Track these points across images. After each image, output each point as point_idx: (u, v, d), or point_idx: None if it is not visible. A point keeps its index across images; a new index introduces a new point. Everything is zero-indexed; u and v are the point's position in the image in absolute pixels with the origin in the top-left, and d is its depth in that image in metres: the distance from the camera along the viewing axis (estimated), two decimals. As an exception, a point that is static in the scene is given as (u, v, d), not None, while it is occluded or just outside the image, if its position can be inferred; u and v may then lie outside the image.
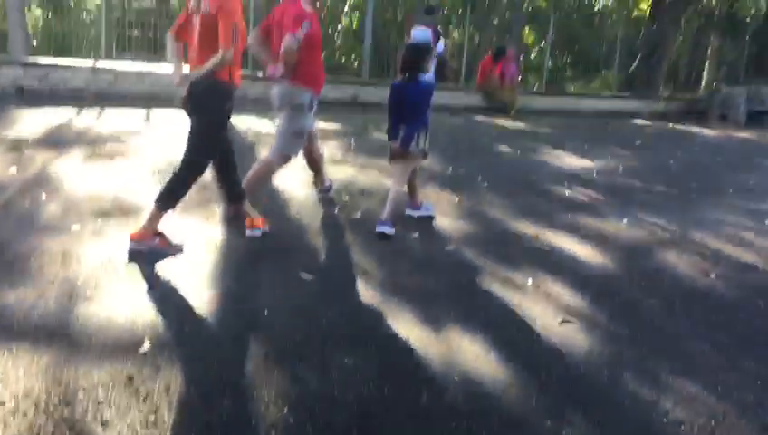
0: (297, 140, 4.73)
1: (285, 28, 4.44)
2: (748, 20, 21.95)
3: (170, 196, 3.81)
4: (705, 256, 4.62)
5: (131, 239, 3.70)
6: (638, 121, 14.66)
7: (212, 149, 3.97)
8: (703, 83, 21.81)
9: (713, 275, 4.18)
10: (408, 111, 4.51)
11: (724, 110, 16.54)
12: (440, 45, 9.06)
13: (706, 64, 22.25)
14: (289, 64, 4.44)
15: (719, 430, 2.44)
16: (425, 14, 9.92)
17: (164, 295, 3.19)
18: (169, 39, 3.97)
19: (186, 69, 3.87)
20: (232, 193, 4.20)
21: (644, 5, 22.60)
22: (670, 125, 14.14)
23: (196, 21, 3.74)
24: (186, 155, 3.88)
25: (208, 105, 3.81)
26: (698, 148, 10.74)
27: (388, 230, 4.43)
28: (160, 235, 3.77)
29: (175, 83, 3.74)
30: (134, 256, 3.62)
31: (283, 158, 4.73)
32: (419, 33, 8.98)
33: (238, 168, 4.21)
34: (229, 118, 4.01)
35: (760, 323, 3.48)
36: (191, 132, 3.89)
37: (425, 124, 4.58)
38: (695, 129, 13.75)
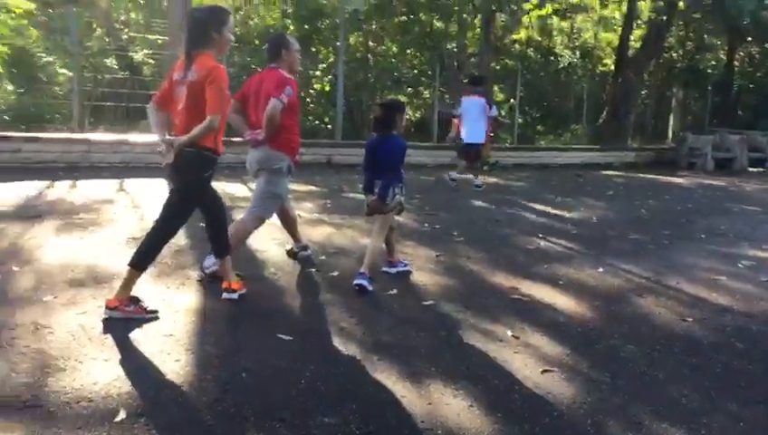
0: (273, 203, 4.77)
1: (265, 95, 4.54)
2: (709, 71, 22.73)
3: (143, 257, 3.81)
4: (682, 300, 4.66)
5: (107, 307, 3.66)
6: (610, 172, 14.92)
7: (187, 214, 4.00)
8: (670, 133, 22.39)
9: (690, 319, 4.21)
10: (382, 167, 4.61)
11: (691, 158, 16.95)
12: (494, 109, 10.50)
13: (672, 115, 22.88)
14: (271, 129, 4.51)
15: (706, 473, 2.42)
16: (472, 84, 10.80)
17: (139, 363, 3.13)
18: (151, 109, 4.00)
19: (169, 137, 3.87)
20: (219, 248, 4.19)
21: (608, 61, 23.31)
22: (641, 175, 14.40)
23: (182, 89, 3.80)
24: (161, 217, 3.89)
25: (191, 172, 3.85)
26: (669, 196, 10.94)
27: (366, 283, 4.43)
28: (136, 301, 3.73)
29: (161, 151, 3.74)
30: (109, 324, 3.57)
31: (259, 220, 4.76)
32: (472, 101, 10.27)
33: (220, 227, 4.20)
34: (209, 184, 4.05)
35: (738, 365, 3.50)
36: (171, 196, 3.92)
37: (400, 179, 4.67)
38: (664, 177, 14.03)
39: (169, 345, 3.36)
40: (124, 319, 3.63)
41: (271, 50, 4.82)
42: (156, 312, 3.75)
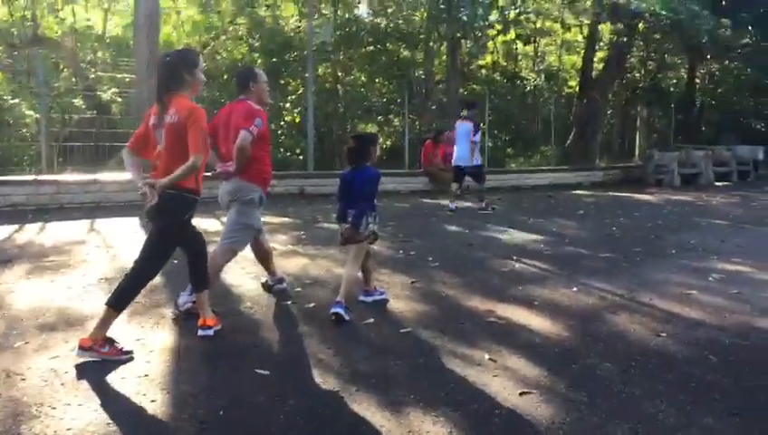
0: (246, 235, 4.78)
1: (234, 127, 4.58)
2: (672, 89, 23.24)
3: (122, 297, 3.79)
4: (655, 316, 4.71)
5: (80, 347, 3.61)
6: (579, 192, 15.11)
7: (167, 254, 4.02)
8: (636, 151, 22.78)
9: (664, 335, 4.26)
10: (356, 197, 4.67)
11: (658, 175, 17.24)
12: (477, 136, 10.94)
13: (637, 133, 23.30)
14: (242, 160, 4.54)
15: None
16: (465, 108, 11.47)
17: (115, 406, 3.08)
18: (126, 153, 4.03)
19: (150, 179, 3.84)
20: (198, 281, 4.17)
21: (573, 82, 23.75)
22: (610, 193, 14.61)
23: (161, 132, 3.84)
24: (140, 257, 3.90)
25: (172, 213, 3.88)
26: (638, 213, 11.09)
27: (343, 312, 4.44)
28: (110, 342, 3.68)
29: (143, 193, 3.67)
30: (82, 367, 3.52)
31: (231, 252, 4.77)
32: (462, 125, 10.98)
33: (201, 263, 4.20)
34: (189, 223, 4.07)
35: (712, 378, 3.54)
36: (151, 236, 3.94)
37: (373, 208, 4.72)
38: (633, 195, 14.24)
39: (145, 386, 3.32)
40: (99, 360, 3.58)
41: (239, 82, 4.88)
42: (131, 352, 3.71)
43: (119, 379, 3.41)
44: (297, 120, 17.25)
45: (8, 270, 5.83)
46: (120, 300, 3.79)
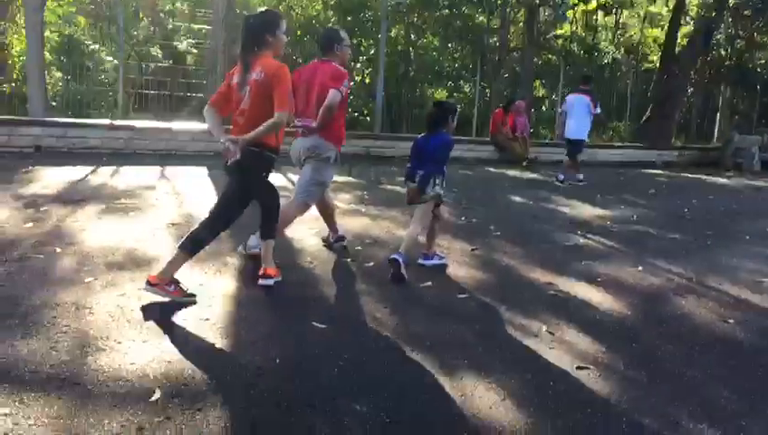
0: (319, 191, 4.94)
1: (320, 85, 4.71)
2: (759, 70, 22.15)
3: (194, 243, 3.91)
4: (723, 302, 4.55)
5: (148, 282, 3.71)
6: (652, 171, 14.66)
7: (242, 208, 4.14)
8: (715, 133, 21.89)
9: (731, 321, 4.11)
10: (426, 159, 4.75)
11: (737, 158, 16.55)
12: (598, 108, 11.00)
13: (718, 114, 22.36)
14: (328, 118, 4.67)
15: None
16: (582, 83, 11.48)
17: (175, 345, 3.17)
18: (208, 111, 4.11)
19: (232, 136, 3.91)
20: (268, 230, 4.24)
21: (654, 57, 22.90)
22: (684, 174, 14.12)
23: (245, 90, 3.93)
24: (217, 207, 4.05)
25: (252, 171, 4.00)
26: (713, 196, 10.70)
27: (401, 260, 4.47)
28: (176, 282, 3.79)
29: (227, 148, 3.77)
30: (147, 305, 3.63)
31: (304, 206, 4.90)
32: (579, 99, 10.85)
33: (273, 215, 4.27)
34: (266, 179, 4.19)
35: (782, 369, 3.41)
36: (228, 189, 4.06)
37: (441, 172, 4.79)
38: (709, 178, 13.73)
39: (205, 329, 3.41)
40: (163, 302, 3.68)
41: (324, 44, 5.01)
42: (194, 296, 3.81)
43: (181, 320, 3.51)
44: (367, 80, 17.20)
45: (81, 209, 6.04)
46: (192, 245, 3.89)
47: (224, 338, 3.32)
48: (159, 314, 3.54)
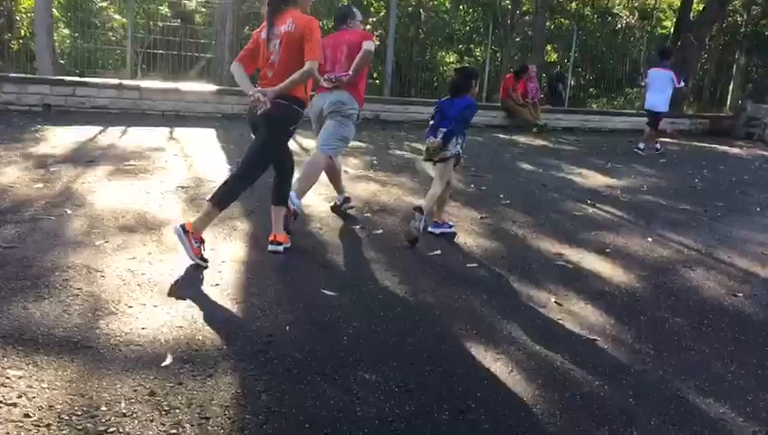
0: (341, 146, 5.06)
1: (348, 44, 4.93)
2: (775, 37, 21.77)
3: (224, 196, 3.96)
4: (733, 275, 4.55)
5: (183, 227, 3.72)
6: (663, 140, 14.50)
7: (267, 164, 4.17)
8: (728, 101, 21.62)
9: (740, 295, 4.11)
10: (450, 118, 4.80)
11: (749, 128, 16.36)
12: (682, 82, 11.25)
13: (732, 82, 22.04)
14: (363, 66, 4.88)
15: (749, 452, 2.38)
16: (661, 57, 11.53)
17: (186, 310, 3.19)
18: (236, 66, 4.14)
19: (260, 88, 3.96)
20: (281, 196, 4.25)
21: (668, 23, 22.54)
22: (695, 143, 13.99)
23: (275, 43, 3.97)
24: (244, 162, 4.09)
25: (280, 123, 4.02)
26: (724, 166, 10.61)
27: (422, 219, 4.60)
28: (202, 242, 3.84)
29: (257, 99, 3.82)
30: (158, 269, 3.65)
31: (326, 158, 4.95)
32: (661, 73, 10.95)
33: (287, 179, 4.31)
34: (292, 136, 4.24)
35: (790, 344, 3.41)
36: (259, 143, 4.07)
37: (463, 132, 4.88)
38: (720, 147, 13.60)
39: (216, 295, 3.43)
40: (173, 267, 3.71)
41: (338, 19, 5.26)
42: (207, 261, 3.82)
43: (191, 286, 3.52)
44: (377, 43, 17.01)
45: (91, 170, 6.04)
46: (222, 198, 3.94)
47: (234, 304, 3.34)
48: (170, 279, 3.56)
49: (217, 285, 3.57)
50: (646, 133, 11.57)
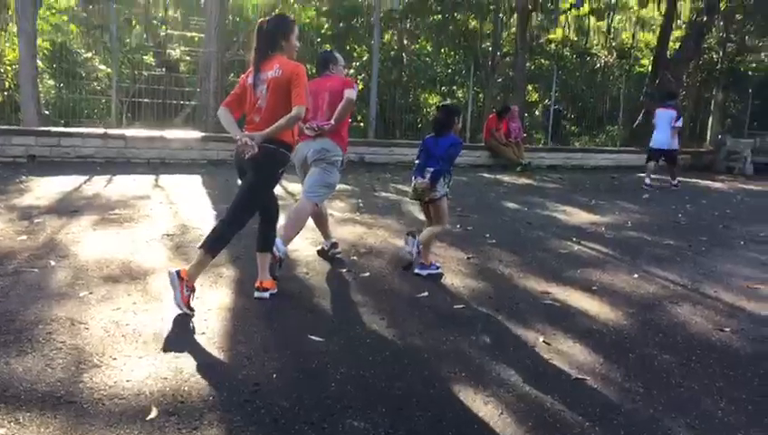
0: (327, 193, 5.08)
1: (330, 91, 4.99)
2: (750, 73, 22.26)
3: (215, 242, 3.97)
4: (719, 309, 4.56)
5: (178, 274, 3.73)
6: (645, 175, 14.66)
7: (258, 206, 4.18)
8: (708, 136, 21.95)
9: (727, 329, 4.12)
10: (436, 157, 4.88)
11: (730, 162, 16.62)
12: (680, 121, 12.16)
13: (711, 118, 22.42)
14: (344, 116, 4.96)
15: (742, 490, 2.36)
16: (666, 98, 12.73)
17: (172, 360, 3.16)
18: (223, 111, 4.17)
19: (245, 133, 3.99)
20: (266, 243, 4.27)
21: (645, 61, 22.99)
22: (677, 178, 14.14)
23: (262, 88, 4.02)
24: (233, 207, 4.07)
25: (268, 168, 4.05)
26: (706, 200, 10.73)
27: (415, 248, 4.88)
28: (193, 291, 3.83)
29: (244, 143, 3.85)
30: (143, 320, 3.61)
31: (312, 205, 4.97)
32: (665, 112, 12.06)
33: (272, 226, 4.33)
34: (279, 180, 4.27)
35: (778, 378, 3.41)
36: (246, 187, 4.09)
37: (449, 171, 4.95)
38: (702, 181, 13.78)
39: (201, 344, 3.39)
40: (158, 316, 3.68)
41: (321, 64, 5.28)
42: (193, 311, 3.79)
43: (176, 335, 3.49)
44: (360, 86, 17.20)
45: (75, 221, 6.02)
46: (212, 245, 3.94)
47: (220, 352, 3.31)
48: (155, 329, 3.52)
49: (203, 333, 3.53)
50: (649, 168, 12.29)
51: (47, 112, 13.00)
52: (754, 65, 23.25)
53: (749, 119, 21.00)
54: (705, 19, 18.34)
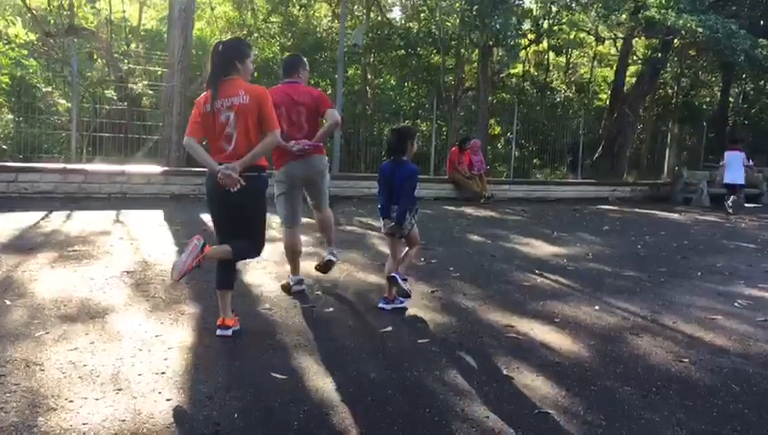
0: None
1: (308, 106, 5.07)
2: (704, 107, 22.97)
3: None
4: (678, 340, 4.63)
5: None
6: (605, 207, 14.96)
7: (264, 232, 4.29)
8: (665, 169, 22.50)
9: (686, 360, 4.18)
10: (397, 192, 4.87)
11: (686, 193, 17.01)
12: (750, 161, 14.66)
13: (667, 150, 23.02)
14: (330, 133, 5.22)
15: None
16: (734, 142, 15.08)
17: (130, 401, 3.09)
18: (190, 141, 4.03)
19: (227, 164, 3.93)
20: (228, 280, 4.22)
21: (603, 96, 23.56)
22: (636, 210, 14.45)
23: (228, 115, 3.95)
24: (249, 240, 4.16)
25: (257, 195, 4.10)
26: (665, 231, 10.94)
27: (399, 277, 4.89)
28: (198, 266, 3.90)
29: (227, 175, 3.81)
30: (101, 360, 3.54)
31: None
32: (735, 154, 14.34)
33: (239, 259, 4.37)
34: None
35: (734, 409, 3.46)
36: (249, 220, 4.12)
37: (413, 203, 4.96)
38: (660, 213, 14.06)
39: (161, 383, 3.33)
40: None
41: (291, 65, 5.25)
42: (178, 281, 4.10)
43: (136, 375, 3.42)
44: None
45: (32, 258, 5.90)
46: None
47: (180, 393, 3.25)
48: (113, 370, 3.45)
49: (163, 373, 3.47)
50: (730, 202, 14.20)
51: (5, 147, 12.82)
52: (708, 99, 24.02)
53: (704, 151, 21.59)
54: (659, 55, 18.91)
